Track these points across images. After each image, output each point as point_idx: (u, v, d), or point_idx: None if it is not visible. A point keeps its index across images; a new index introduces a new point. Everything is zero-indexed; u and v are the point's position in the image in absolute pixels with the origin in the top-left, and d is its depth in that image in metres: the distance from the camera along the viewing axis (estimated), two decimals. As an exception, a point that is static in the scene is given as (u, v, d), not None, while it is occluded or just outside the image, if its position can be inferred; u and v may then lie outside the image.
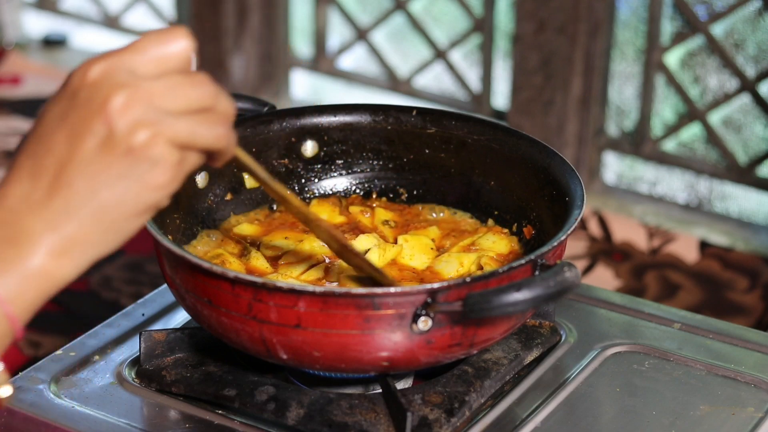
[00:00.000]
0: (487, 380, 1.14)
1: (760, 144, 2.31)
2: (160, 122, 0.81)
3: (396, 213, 1.32)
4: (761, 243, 2.28)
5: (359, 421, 1.08)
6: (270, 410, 1.10)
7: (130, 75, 0.81)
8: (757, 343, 1.26)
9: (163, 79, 0.82)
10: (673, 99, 2.38)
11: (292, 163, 1.34)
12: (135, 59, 0.82)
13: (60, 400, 1.15)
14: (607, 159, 2.49)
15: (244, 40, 2.75)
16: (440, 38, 2.59)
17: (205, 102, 0.84)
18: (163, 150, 0.81)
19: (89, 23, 3.12)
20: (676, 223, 2.35)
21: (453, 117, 1.32)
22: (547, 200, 1.22)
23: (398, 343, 1.04)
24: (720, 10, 2.28)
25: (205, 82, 0.84)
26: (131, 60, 0.82)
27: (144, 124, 0.80)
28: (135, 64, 0.82)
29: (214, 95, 0.84)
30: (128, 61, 0.82)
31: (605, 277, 2.21)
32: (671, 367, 1.22)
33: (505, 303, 0.99)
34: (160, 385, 1.16)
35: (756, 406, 1.16)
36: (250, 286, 1.03)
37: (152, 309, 1.31)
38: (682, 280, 2.19)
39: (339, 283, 1.17)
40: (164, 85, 0.82)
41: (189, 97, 0.83)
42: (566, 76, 2.37)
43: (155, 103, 0.81)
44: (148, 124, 0.80)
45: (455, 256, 1.21)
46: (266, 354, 1.08)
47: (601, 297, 1.33)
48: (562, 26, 2.34)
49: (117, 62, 0.82)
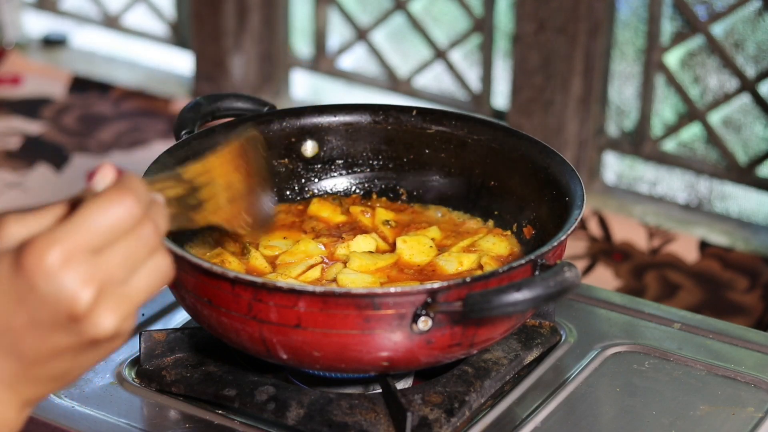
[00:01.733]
0: (487, 380, 1.14)
1: (760, 144, 2.31)
2: (125, 303, 0.80)
3: (396, 213, 1.32)
4: (761, 243, 2.28)
5: (359, 421, 1.08)
6: (270, 410, 1.10)
7: (89, 264, 0.79)
8: (757, 343, 1.26)
9: (118, 251, 0.80)
10: (673, 99, 2.38)
11: (293, 163, 1.34)
12: (87, 238, 0.79)
13: (60, 400, 1.15)
14: (607, 159, 2.49)
15: (244, 40, 2.75)
16: (440, 38, 2.59)
17: (155, 251, 0.83)
18: (130, 325, 0.82)
19: (89, 23, 3.12)
20: (676, 223, 2.35)
21: (453, 117, 1.32)
22: (547, 200, 1.22)
23: (398, 343, 1.04)
24: (720, 10, 2.28)
25: (150, 229, 0.82)
26: (84, 241, 0.79)
27: (112, 310, 0.80)
28: (89, 244, 0.79)
29: (158, 236, 0.83)
30: (82, 243, 0.79)
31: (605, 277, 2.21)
32: (671, 367, 1.22)
33: (505, 303, 0.99)
34: (160, 385, 1.16)
35: (756, 406, 1.16)
36: (250, 286, 1.03)
37: (152, 309, 1.31)
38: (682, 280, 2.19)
39: (338, 284, 1.17)
40: (120, 259, 0.80)
41: (142, 258, 0.82)
42: (566, 76, 2.37)
43: (116, 282, 0.80)
44: (115, 310, 0.80)
45: (455, 256, 1.21)
46: (266, 354, 1.08)
47: (601, 297, 1.34)
48: (562, 26, 2.34)
49: (72, 248, 0.79)
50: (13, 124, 2.72)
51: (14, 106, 2.81)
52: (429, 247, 1.24)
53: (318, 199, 1.34)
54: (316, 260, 1.21)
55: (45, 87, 2.90)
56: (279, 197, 1.33)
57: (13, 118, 2.75)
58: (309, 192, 1.35)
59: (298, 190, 1.34)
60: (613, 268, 2.23)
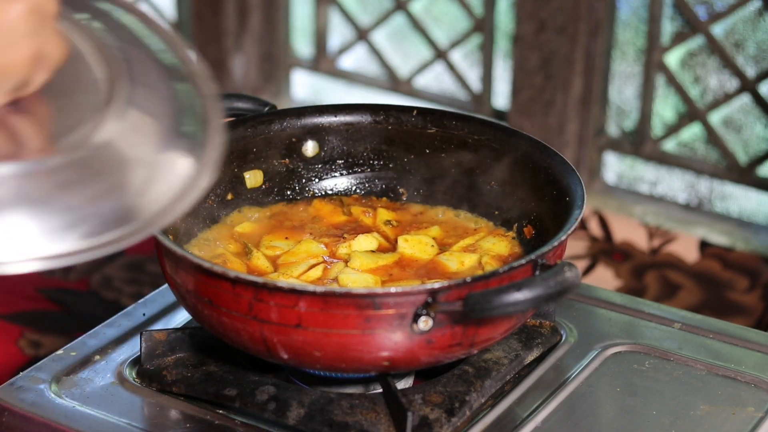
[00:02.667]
0: (487, 380, 1.14)
1: (760, 144, 2.31)
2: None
3: (397, 213, 1.32)
4: (761, 243, 2.28)
5: (360, 421, 1.08)
6: (270, 410, 1.10)
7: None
8: (757, 343, 1.26)
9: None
10: (673, 99, 2.38)
11: (293, 163, 1.34)
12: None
13: (61, 399, 1.15)
14: (608, 159, 2.49)
15: (245, 41, 2.76)
16: (440, 38, 2.59)
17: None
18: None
19: (90, 23, 3.12)
20: (677, 223, 2.35)
21: (453, 117, 1.32)
22: (548, 200, 1.22)
23: (399, 343, 1.04)
24: (720, 10, 2.28)
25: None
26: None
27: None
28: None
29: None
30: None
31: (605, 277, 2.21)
32: (671, 367, 1.22)
33: (505, 303, 0.99)
34: (160, 385, 1.16)
35: (756, 406, 1.16)
36: (251, 286, 1.03)
37: (153, 309, 1.31)
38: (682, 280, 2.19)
39: (339, 283, 1.17)
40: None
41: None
42: (566, 76, 2.37)
43: None
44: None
45: (456, 255, 1.22)
46: (267, 354, 1.08)
47: (602, 297, 1.34)
48: (562, 26, 2.34)
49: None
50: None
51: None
52: (430, 246, 1.24)
53: (319, 199, 1.34)
54: (317, 260, 1.21)
55: (45, 87, 2.90)
56: (280, 197, 1.34)
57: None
58: (310, 192, 1.35)
59: (298, 189, 1.34)
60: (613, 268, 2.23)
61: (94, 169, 0.86)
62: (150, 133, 0.89)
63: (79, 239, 0.81)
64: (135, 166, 0.87)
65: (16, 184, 0.82)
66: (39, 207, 0.82)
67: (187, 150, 0.90)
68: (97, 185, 0.85)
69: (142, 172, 0.87)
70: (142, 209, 0.85)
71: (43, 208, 0.82)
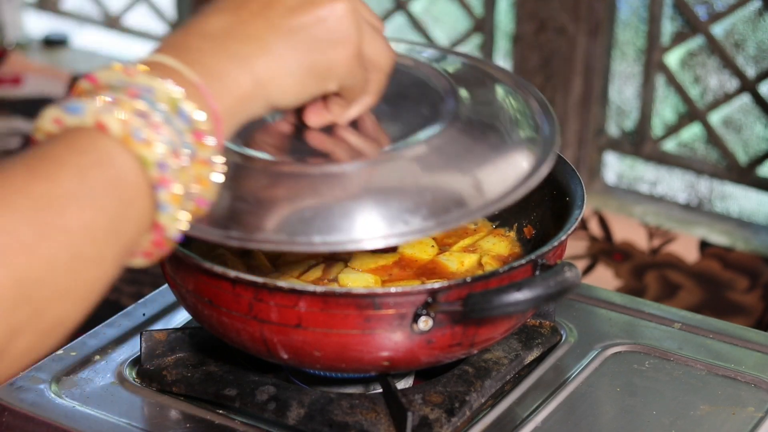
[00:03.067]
0: (487, 380, 1.14)
1: (760, 144, 2.31)
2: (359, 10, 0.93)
3: (396, 213, 1.32)
4: (761, 243, 2.28)
5: (360, 421, 1.08)
6: (271, 410, 1.10)
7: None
8: (757, 343, 1.26)
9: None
10: (673, 99, 2.38)
11: (293, 163, 1.34)
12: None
13: (61, 399, 1.15)
14: (608, 159, 2.49)
15: (245, 40, 2.75)
16: (441, 38, 2.59)
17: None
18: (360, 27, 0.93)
19: (90, 23, 3.13)
20: (676, 223, 2.35)
21: (453, 117, 1.32)
22: (548, 200, 1.22)
23: (399, 343, 1.04)
24: (720, 10, 2.28)
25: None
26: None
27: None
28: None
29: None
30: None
31: (605, 277, 2.21)
32: (671, 367, 1.22)
33: (505, 303, 0.99)
34: (160, 385, 1.16)
35: (756, 406, 1.16)
36: (251, 286, 1.03)
37: (153, 309, 1.31)
38: (682, 280, 2.19)
39: (339, 283, 1.17)
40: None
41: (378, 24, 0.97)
42: (566, 76, 2.37)
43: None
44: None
45: (456, 255, 1.22)
46: (267, 354, 1.08)
47: (602, 297, 1.34)
48: (562, 26, 2.34)
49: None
50: (14, 124, 2.73)
51: (15, 106, 2.82)
52: (430, 246, 1.24)
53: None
54: (317, 259, 1.21)
55: (46, 87, 2.91)
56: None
57: (14, 118, 2.76)
58: (309, 192, 1.35)
59: (298, 190, 1.34)
60: (613, 268, 2.23)
61: (439, 164, 1.01)
62: (487, 136, 1.05)
63: (422, 220, 0.97)
64: (473, 162, 1.02)
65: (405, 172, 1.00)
66: (388, 195, 0.98)
67: (524, 149, 1.06)
68: (441, 176, 1.01)
69: (480, 167, 1.02)
70: (479, 195, 1.00)
71: (394, 195, 0.98)
